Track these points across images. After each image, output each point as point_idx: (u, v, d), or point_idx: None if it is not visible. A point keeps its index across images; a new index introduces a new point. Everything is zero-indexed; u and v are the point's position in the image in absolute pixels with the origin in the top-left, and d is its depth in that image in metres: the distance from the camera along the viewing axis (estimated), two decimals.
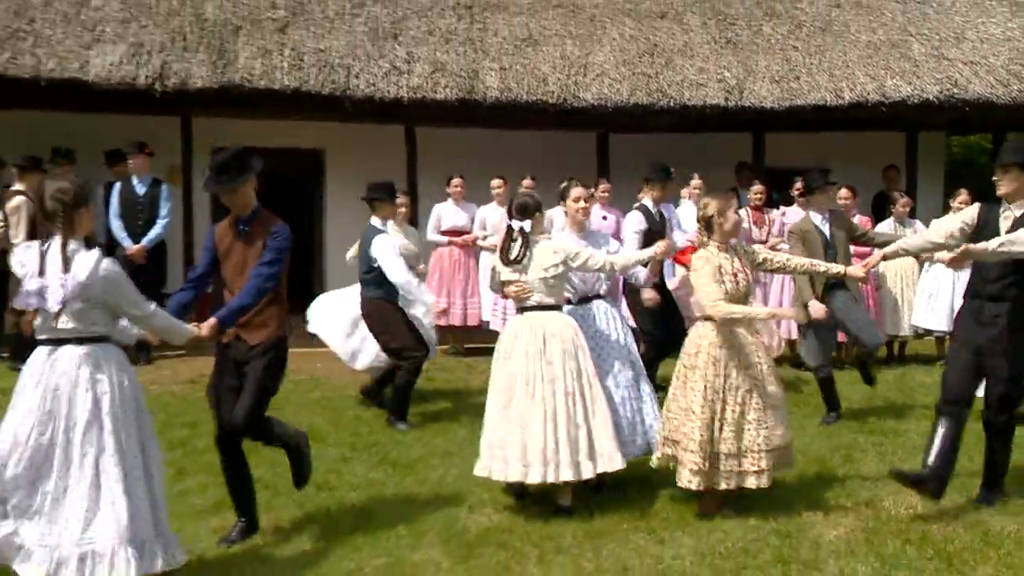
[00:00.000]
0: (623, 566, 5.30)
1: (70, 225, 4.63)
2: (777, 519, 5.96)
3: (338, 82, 11.97)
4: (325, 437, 7.98)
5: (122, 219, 11.10)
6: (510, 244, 6.27)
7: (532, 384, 6.04)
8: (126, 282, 4.73)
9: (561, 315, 6.27)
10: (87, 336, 4.64)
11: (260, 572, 5.24)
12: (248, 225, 5.58)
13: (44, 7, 11.82)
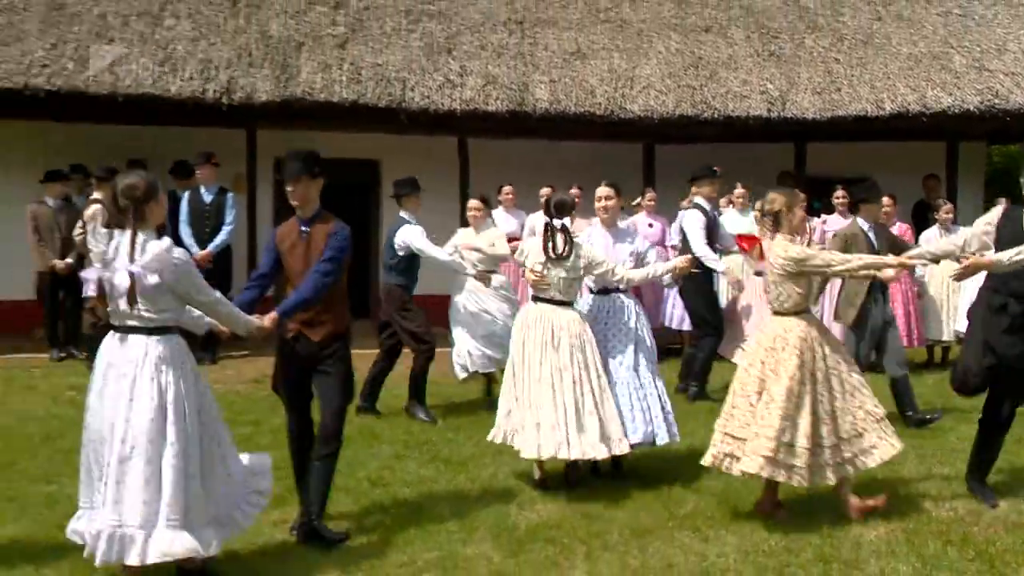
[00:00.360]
0: (668, 563, 5.30)
1: (141, 217, 4.76)
2: (818, 518, 5.95)
3: (394, 95, 12.12)
4: (379, 435, 8.05)
5: (190, 226, 11.38)
6: (554, 239, 6.56)
7: (541, 369, 6.49)
8: (194, 270, 4.86)
9: (571, 311, 6.64)
10: (156, 326, 4.77)
11: (318, 563, 5.29)
12: (309, 226, 5.67)
13: (122, 28, 12.09)
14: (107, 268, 4.76)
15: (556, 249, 6.54)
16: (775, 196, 6.02)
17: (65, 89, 11.23)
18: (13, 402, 9.29)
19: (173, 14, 12.47)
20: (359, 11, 13.21)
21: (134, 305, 4.71)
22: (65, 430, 8.07)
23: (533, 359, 6.54)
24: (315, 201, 5.73)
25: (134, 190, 4.76)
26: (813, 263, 5.81)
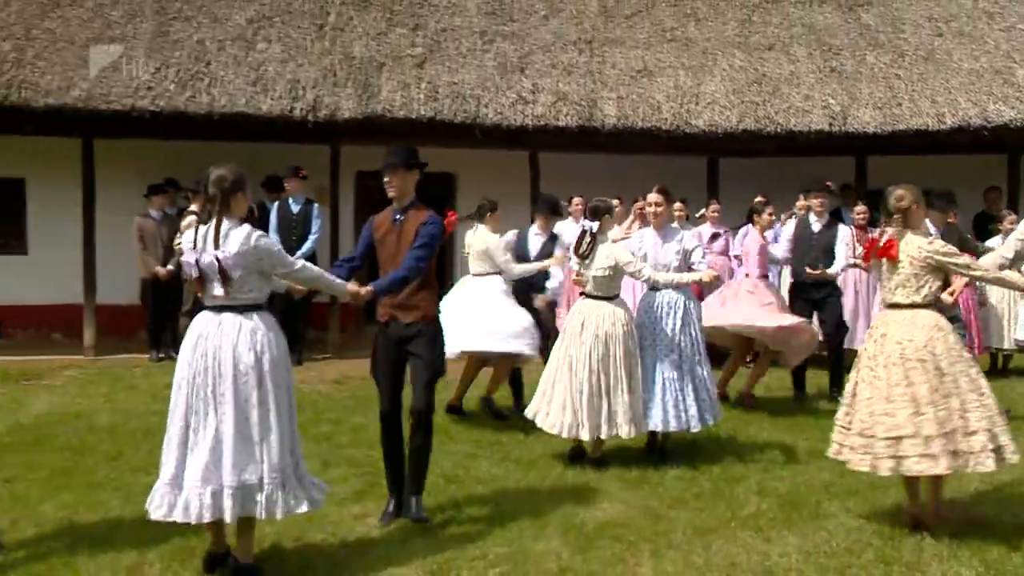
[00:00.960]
0: (731, 562, 5.30)
1: (226, 206, 4.91)
2: (880, 521, 5.93)
3: (469, 111, 12.23)
4: (453, 435, 8.13)
5: (278, 234, 11.59)
6: (582, 240, 7.12)
7: (567, 358, 7.05)
8: (274, 246, 5.04)
9: (607, 305, 7.07)
10: (246, 304, 4.93)
11: (396, 554, 5.36)
12: (403, 215, 5.84)
13: (218, 52, 12.35)
14: (198, 253, 4.90)
15: (580, 250, 7.09)
16: (903, 193, 5.84)
17: (167, 110, 11.50)
18: (118, 400, 9.57)
19: (264, 38, 12.74)
20: (436, 33, 13.37)
21: (225, 286, 4.86)
22: (163, 426, 8.28)
23: (563, 346, 7.11)
24: (410, 193, 5.89)
25: (223, 181, 4.92)
26: (955, 261, 5.65)
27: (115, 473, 7.00)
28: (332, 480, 6.45)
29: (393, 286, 5.67)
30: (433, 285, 5.96)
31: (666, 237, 7.49)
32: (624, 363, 6.98)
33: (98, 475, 6.95)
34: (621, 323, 7.02)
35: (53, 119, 11.48)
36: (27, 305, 12.11)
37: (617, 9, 14.39)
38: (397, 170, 5.80)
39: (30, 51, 11.84)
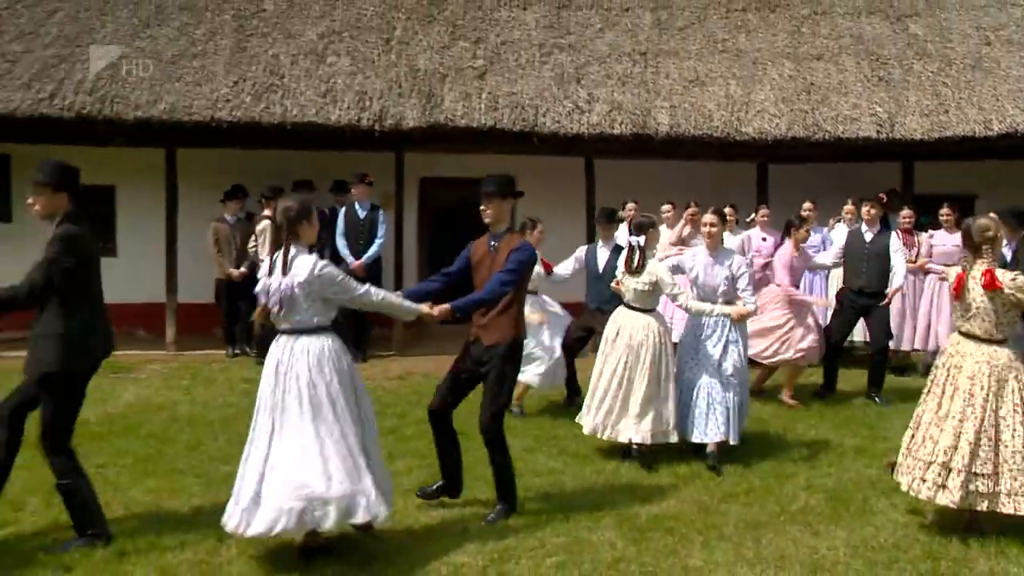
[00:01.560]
0: (780, 554, 5.32)
1: (295, 234, 5.07)
2: (926, 517, 5.88)
3: (528, 120, 12.21)
4: (513, 429, 8.09)
5: (345, 238, 11.73)
6: (632, 256, 7.18)
7: (603, 362, 7.24)
8: (338, 274, 5.09)
9: (643, 317, 7.18)
10: (313, 327, 5.06)
11: (458, 543, 5.43)
12: (498, 241, 5.88)
13: (291, 66, 12.52)
14: (268, 281, 5.04)
15: (631, 265, 7.16)
16: (987, 223, 5.67)
17: (243, 120, 11.67)
18: (197, 393, 9.74)
19: (334, 52, 12.89)
20: (497, 46, 13.42)
21: (288, 312, 4.99)
22: (240, 416, 8.44)
23: (602, 353, 7.28)
24: (506, 219, 5.94)
25: (289, 211, 5.06)
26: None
27: (195, 461, 7.15)
28: (397, 472, 6.55)
29: (471, 307, 5.70)
30: (518, 309, 5.92)
31: (718, 259, 7.41)
32: (651, 371, 7.04)
33: (180, 463, 7.11)
34: (654, 334, 7.11)
35: (141, 131, 11.73)
36: (115, 304, 12.24)
37: (670, 22, 14.34)
38: (493, 198, 5.84)
39: (122, 67, 12.11)
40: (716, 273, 7.33)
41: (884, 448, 7.63)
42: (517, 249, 5.78)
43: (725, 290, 7.30)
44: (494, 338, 5.83)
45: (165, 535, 5.48)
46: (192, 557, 5.19)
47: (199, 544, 5.35)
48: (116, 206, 13.60)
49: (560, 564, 5.16)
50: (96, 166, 12.69)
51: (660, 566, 5.16)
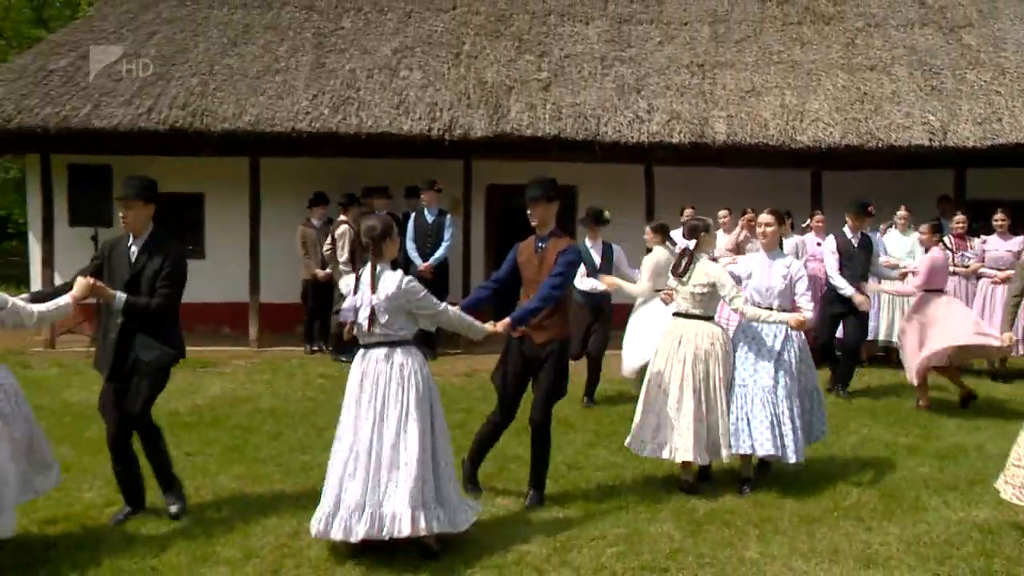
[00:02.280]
0: (834, 548, 5.24)
1: (379, 252, 5.09)
2: (980, 515, 5.75)
3: (590, 130, 12.19)
4: (574, 425, 8.17)
5: (415, 241, 11.79)
6: (680, 260, 6.43)
7: (662, 376, 6.26)
8: (422, 291, 5.11)
9: (704, 324, 6.32)
10: (395, 340, 5.07)
11: (523, 533, 5.44)
12: (545, 243, 5.87)
13: (366, 79, 12.65)
14: (355, 297, 5.08)
15: (678, 269, 6.40)
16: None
17: (322, 131, 11.81)
18: (278, 386, 9.88)
19: (407, 67, 13.00)
20: (560, 59, 13.41)
21: (374, 326, 5.01)
22: (317, 410, 8.57)
23: (659, 367, 6.32)
24: (551, 222, 5.91)
25: (373, 230, 5.09)
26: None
27: (276, 451, 7.25)
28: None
29: (529, 316, 5.68)
30: (566, 308, 5.95)
31: (774, 259, 6.74)
32: (723, 384, 6.24)
33: (263, 452, 7.21)
34: (720, 343, 6.29)
35: (227, 142, 11.95)
36: (203, 303, 12.55)
37: (727, 35, 14.23)
38: (539, 201, 5.83)
39: (211, 84, 12.35)
40: (773, 273, 6.65)
41: (937, 447, 7.49)
42: (565, 251, 5.77)
43: (782, 291, 6.60)
44: (547, 337, 5.81)
45: (250, 519, 5.57)
46: (274, 540, 5.27)
47: (280, 528, 5.43)
48: (204, 212, 13.84)
49: (620, 554, 5.14)
50: (186, 175, 13.01)
51: (717, 557, 5.11)
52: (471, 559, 5.03)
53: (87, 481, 6.35)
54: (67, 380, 10.23)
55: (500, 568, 4.92)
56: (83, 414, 8.29)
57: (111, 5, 14.47)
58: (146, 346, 5.45)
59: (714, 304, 6.45)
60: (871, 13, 14.78)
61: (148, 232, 5.55)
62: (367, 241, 5.08)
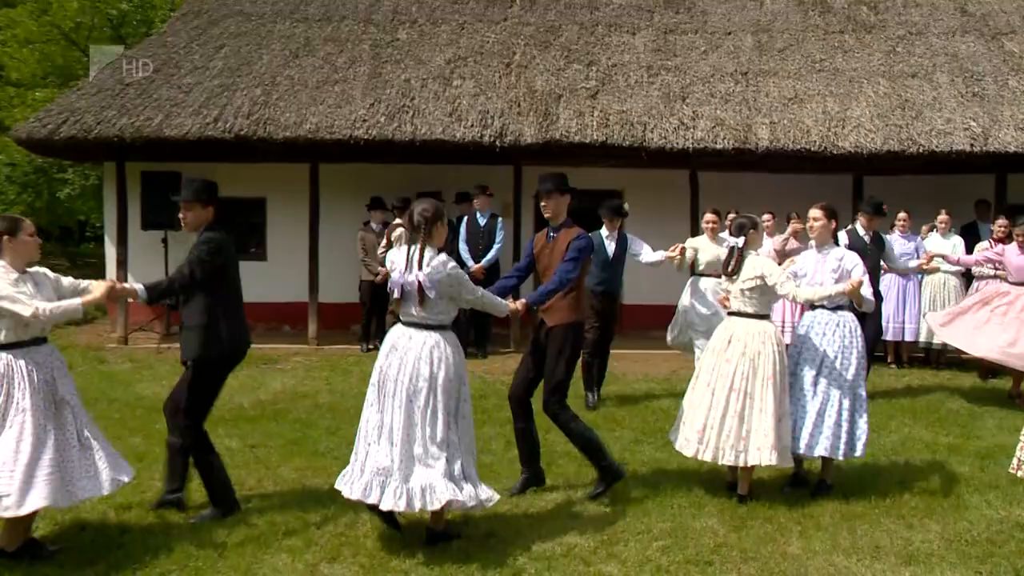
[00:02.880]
0: (875, 545, 5.18)
1: (429, 235, 5.05)
2: (1021, 513, 5.65)
3: (636, 136, 12.10)
4: (621, 422, 8.14)
5: (467, 244, 11.82)
6: (729, 259, 6.15)
7: (710, 375, 6.00)
8: (464, 276, 5.12)
9: (756, 323, 5.97)
10: (434, 323, 5.07)
11: (571, 526, 5.44)
12: (556, 232, 5.99)
13: (421, 89, 12.69)
14: (404, 274, 5.06)
15: (728, 267, 6.14)
16: None
17: (379, 138, 11.86)
18: (335, 383, 9.97)
19: (460, 76, 13.02)
20: (608, 68, 13.36)
21: (422, 305, 5.01)
22: None
23: (708, 365, 6.06)
24: (563, 214, 6.01)
25: (425, 212, 5.07)
26: None
27: (334, 444, 7.30)
28: (514, 458, 6.53)
29: (543, 298, 5.77)
30: (579, 294, 6.00)
31: (825, 254, 6.46)
32: (771, 385, 5.82)
33: (321, 445, 7.27)
34: (772, 342, 5.90)
35: (289, 149, 12.04)
36: (266, 303, 12.70)
37: (770, 44, 14.08)
38: (552, 194, 5.94)
39: (274, 93, 12.47)
40: (824, 267, 6.38)
41: (977, 447, 7.35)
42: (576, 239, 5.87)
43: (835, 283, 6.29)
44: (555, 320, 5.91)
45: (309, 509, 5.61)
46: (332, 529, 5.31)
47: (338, 518, 5.47)
48: (267, 216, 13.98)
49: (665, 548, 5.10)
50: (250, 180, 13.17)
51: (760, 552, 5.06)
52: (521, 550, 5.02)
53: (158, 471, 6.43)
54: (139, 375, 10.41)
55: (549, 560, 4.91)
56: (154, 407, 8.39)
57: (182, 22, 14.71)
58: (189, 344, 5.47)
59: (766, 302, 6.10)
60: (912, 21, 14.53)
61: (202, 230, 5.57)
62: (419, 220, 5.04)
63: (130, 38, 26.65)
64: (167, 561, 4.85)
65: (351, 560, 4.88)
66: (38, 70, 27.87)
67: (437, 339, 5.05)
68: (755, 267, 6.02)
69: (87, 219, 28.26)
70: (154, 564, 4.80)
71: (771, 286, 5.97)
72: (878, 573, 4.82)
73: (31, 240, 4.99)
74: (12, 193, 25.00)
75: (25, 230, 4.95)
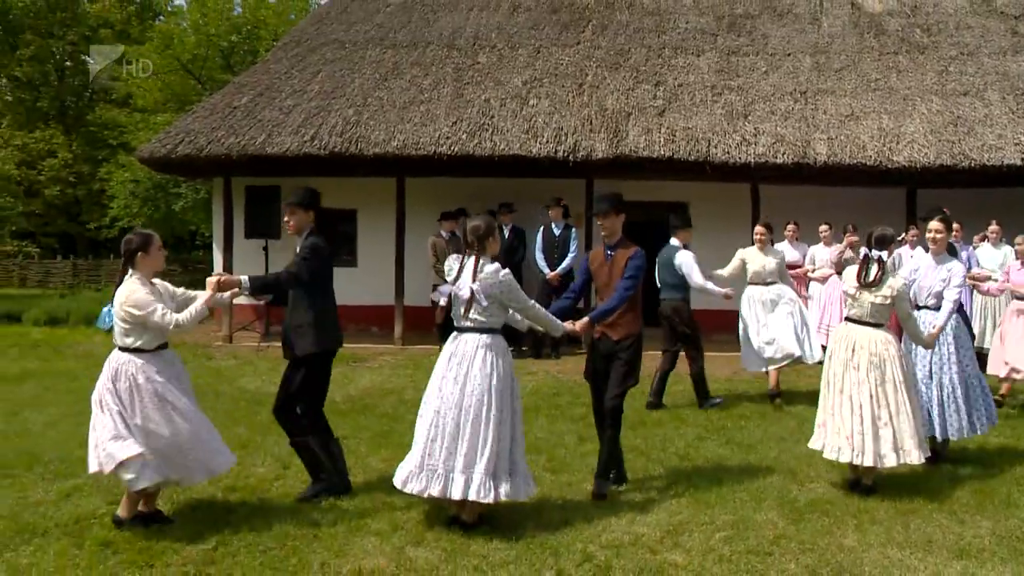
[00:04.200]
0: (928, 539, 5.04)
1: (482, 248, 5.13)
2: None
3: (701, 151, 12.00)
4: (685, 419, 8.04)
5: (543, 252, 11.83)
6: (867, 268, 5.94)
7: (841, 382, 5.87)
8: (516, 285, 5.15)
9: (876, 331, 5.87)
10: (486, 328, 5.11)
11: (638, 516, 5.39)
12: (613, 251, 5.87)
13: (500, 108, 12.77)
14: (456, 284, 5.14)
15: (867, 277, 5.91)
16: None
17: (460, 154, 11.98)
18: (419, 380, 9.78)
19: (536, 96, 13.06)
20: (674, 88, 13.26)
21: (470, 312, 5.07)
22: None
23: (837, 374, 5.94)
24: (619, 232, 5.89)
25: (477, 230, 5.15)
26: None
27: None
28: (586, 453, 6.58)
29: (604, 315, 5.73)
30: (637, 308, 5.89)
31: (939, 262, 6.58)
32: (904, 386, 5.81)
33: (406, 438, 7.18)
34: (894, 346, 5.88)
35: (378, 164, 12.21)
36: (356, 305, 12.87)
37: (828, 64, 13.82)
38: (608, 214, 5.82)
39: (365, 113, 12.67)
40: (935, 275, 6.57)
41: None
42: (633, 257, 5.76)
43: (939, 291, 6.56)
44: (622, 333, 5.81)
45: (395, 496, 5.65)
46: (417, 516, 5.35)
47: (422, 505, 5.50)
48: (357, 226, 14.18)
49: (727, 539, 5.04)
50: (342, 193, 13.37)
51: (817, 544, 4.96)
52: (591, 537, 5.00)
53: (260, 457, 6.60)
54: (242, 370, 10.64)
55: (618, 548, 4.88)
56: (256, 400, 8.61)
57: (283, 50, 15.04)
58: (302, 341, 5.60)
59: (885, 315, 5.98)
60: (964, 43, 14.14)
61: (305, 233, 5.72)
62: (472, 239, 5.13)
63: (238, 66, 27.37)
64: (268, 539, 4.94)
65: (434, 544, 4.91)
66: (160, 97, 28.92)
67: (489, 342, 5.09)
68: (890, 286, 5.90)
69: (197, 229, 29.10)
70: (257, 542, 4.90)
71: (898, 309, 5.94)
72: (930, 566, 4.68)
73: (160, 253, 5.20)
74: (135, 206, 25.91)
75: (155, 244, 5.15)
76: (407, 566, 4.60)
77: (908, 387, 5.84)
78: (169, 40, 28.19)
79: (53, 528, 5.10)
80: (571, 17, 15.17)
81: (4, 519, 5.23)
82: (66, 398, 8.79)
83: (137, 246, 5.06)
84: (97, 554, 4.71)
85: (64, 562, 4.61)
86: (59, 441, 7.07)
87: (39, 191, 31.97)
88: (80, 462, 6.37)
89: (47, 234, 34.34)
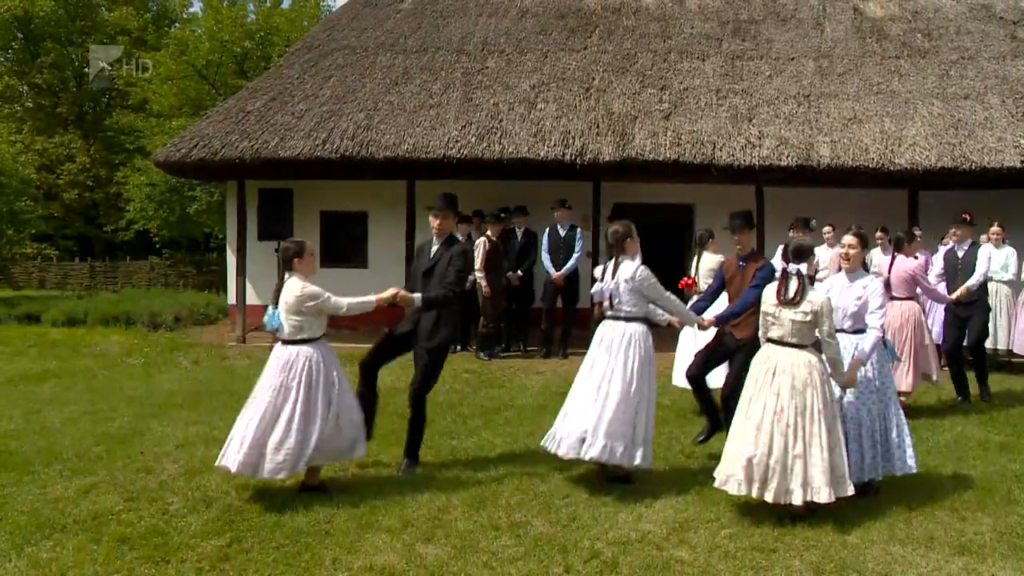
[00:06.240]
0: (930, 536, 5.05)
1: (621, 249, 5.90)
2: None
3: (706, 154, 11.98)
4: (692, 421, 7.93)
5: (549, 253, 11.81)
6: (787, 284, 5.27)
7: (752, 406, 5.26)
8: (652, 277, 5.84)
9: (800, 353, 5.21)
10: (628, 316, 5.85)
11: (643, 512, 5.41)
12: (745, 261, 6.57)
13: (508, 112, 12.75)
14: (604, 282, 5.91)
15: (787, 293, 5.23)
16: None
17: (470, 157, 11.97)
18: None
19: (543, 100, 13.04)
20: (680, 91, 13.23)
21: (615, 303, 5.85)
22: (463, 401, 8.67)
23: (750, 396, 5.31)
24: (751, 246, 6.56)
25: (616, 233, 5.91)
26: None
27: (428, 435, 7.20)
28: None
29: (731, 317, 6.42)
30: (758, 313, 5.88)
31: (853, 281, 5.79)
32: (823, 416, 5.12)
33: None
34: (818, 371, 5.19)
35: (388, 167, 12.20)
36: None
37: (830, 69, 13.79)
38: (742, 230, 6.46)
39: (376, 117, 12.67)
40: (848, 294, 5.77)
41: None
42: (761, 268, 6.36)
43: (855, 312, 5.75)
44: (745, 334, 6.39)
45: (406, 493, 5.67)
46: (427, 513, 5.35)
47: (432, 502, 5.51)
48: (368, 228, 14.20)
49: (733, 535, 5.03)
50: (353, 196, 13.41)
51: (821, 541, 4.96)
52: (599, 534, 5.01)
53: None
54: (255, 370, 10.51)
55: (625, 544, 4.87)
56: None
57: (296, 56, 15.06)
58: (440, 332, 6.29)
59: (808, 334, 5.27)
60: (964, 47, 14.10)
61: (447, 235, 6.33)
62: (612, 241, 5.88)
63: (251, 72, 27.44)
64: (280, 535, 4.95)
65: (444, 541, 4.91)
66: (175, 102, 28.99)
67: (633, 329, 5.80)
68: (813, 303, 5.24)
69: (212, 231, 29.14)
70: (270, 538, 4.91)
71: (820, 330, 5.25)
72: (932, 562, 4.68)
73: (311, 258, 5.80)
74: (151, 209, 25.96)
75: (308, 250, 5.78)
76: (417, 562, 4.60)
77: (827, 416, 5.15)
78: (184, 46, 28.29)
79: (72, 524, 5.13)
80: (578, 23, 15.18)
81: (25, 514, 5.26)
82: (84, 396, 8.82)
83: (295, 252, 5.69)
84: (114, 550, 4.73)
85: (82, 557, 4.63)
86: (77, 438, 7.09)
87: (58, 195, 32.17)
88: (97, 459, 6.43)
89: (65, 237, 34.47)
